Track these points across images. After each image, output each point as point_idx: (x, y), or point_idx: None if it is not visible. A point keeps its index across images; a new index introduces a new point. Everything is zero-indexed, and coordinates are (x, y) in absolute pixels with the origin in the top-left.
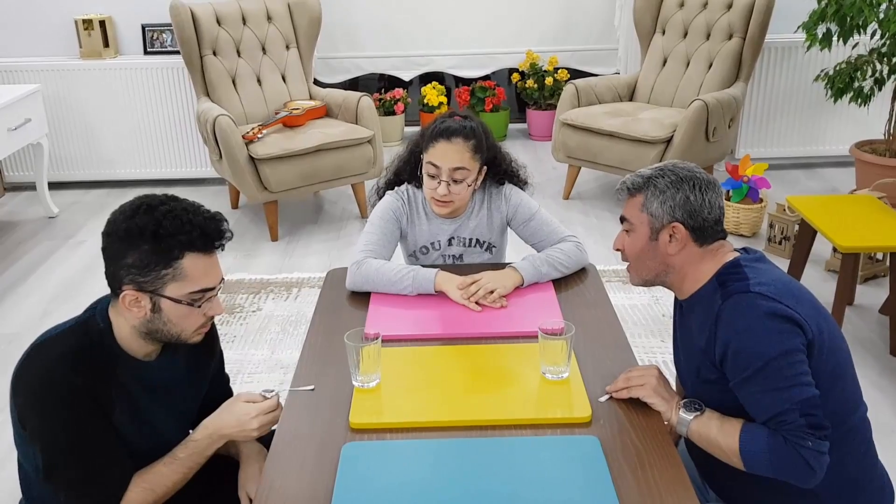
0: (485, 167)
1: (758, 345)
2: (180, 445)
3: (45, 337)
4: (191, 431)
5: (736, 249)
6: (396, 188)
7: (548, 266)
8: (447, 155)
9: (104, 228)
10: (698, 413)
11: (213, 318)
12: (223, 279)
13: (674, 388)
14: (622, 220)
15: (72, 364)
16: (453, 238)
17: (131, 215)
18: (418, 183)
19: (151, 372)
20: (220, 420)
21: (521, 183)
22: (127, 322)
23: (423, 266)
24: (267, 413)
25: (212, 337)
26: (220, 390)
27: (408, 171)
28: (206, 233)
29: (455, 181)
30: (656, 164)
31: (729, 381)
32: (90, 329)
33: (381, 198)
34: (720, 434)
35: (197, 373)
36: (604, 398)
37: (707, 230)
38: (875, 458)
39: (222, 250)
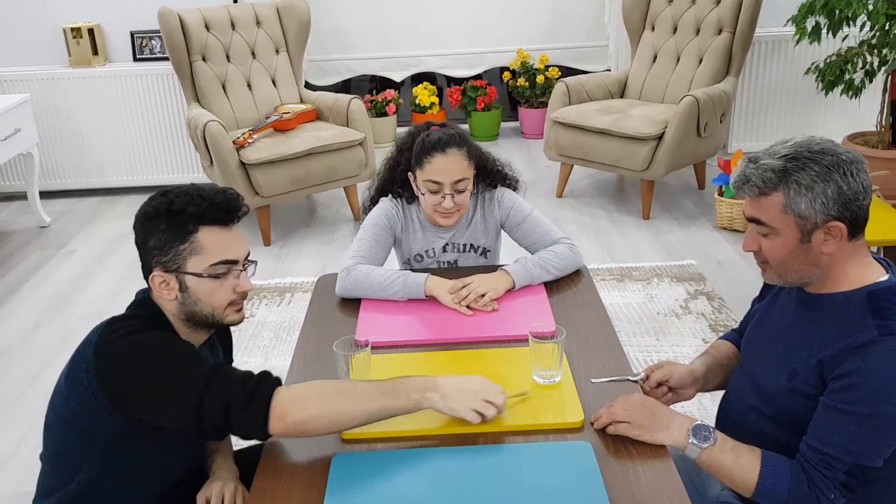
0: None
1: (889, 397)
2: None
3: (112, 317)
4: None
5: (875, 257)
6: (391, 195)
7: (539, 269)
8: (447, 168)
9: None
10: (710, 443)
11: (244, 295)
12: (250, 254)
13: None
14: (753, 220)
15: (154, 325)
16: (448, 245)
17: (149, 202)
18: (409, 199)
19: None
20: (452, 380)
21: (511, 181)
22: (167, 311)
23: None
24: (494, 407)
25: (229, 334)
26: None
27: (393, 190)
28: (216, 204)
29: (458, 192)
30: (781, 145)
31: (820, 395)
32: (152, 309)
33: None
34: (735, 466)
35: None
36: (597, 380)
37: (862, 219)
38: None
39: (237, 222)
